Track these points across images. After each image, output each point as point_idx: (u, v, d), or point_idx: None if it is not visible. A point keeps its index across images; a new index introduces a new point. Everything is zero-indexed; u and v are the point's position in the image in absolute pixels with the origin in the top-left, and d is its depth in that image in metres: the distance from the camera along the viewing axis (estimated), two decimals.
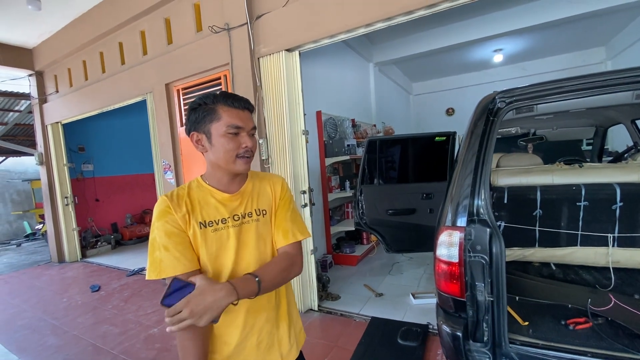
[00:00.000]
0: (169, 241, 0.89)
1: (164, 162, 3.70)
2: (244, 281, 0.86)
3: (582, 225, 1.84)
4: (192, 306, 0.76)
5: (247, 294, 0.85)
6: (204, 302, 0.77)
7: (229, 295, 0.80)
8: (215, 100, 0.93)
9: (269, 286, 0.92)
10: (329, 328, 2.70)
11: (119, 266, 4.94)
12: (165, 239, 0.89)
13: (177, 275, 0.86)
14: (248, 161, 0.96)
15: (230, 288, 0.81)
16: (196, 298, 0.78)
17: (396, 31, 5.01)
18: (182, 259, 0.89)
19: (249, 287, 0.85)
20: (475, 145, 1.40)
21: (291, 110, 2.81)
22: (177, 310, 0.76)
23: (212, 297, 0.78)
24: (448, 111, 8.23)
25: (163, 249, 0.88)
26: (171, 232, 0.90)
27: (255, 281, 0.87)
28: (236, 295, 0.81)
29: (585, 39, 5.96)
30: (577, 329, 1.41)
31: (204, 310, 0.76)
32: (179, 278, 0.83)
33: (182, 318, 0.75)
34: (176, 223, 0.91)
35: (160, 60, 3.59)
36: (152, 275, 0.88)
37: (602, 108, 2.25)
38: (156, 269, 0.87)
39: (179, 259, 0.88)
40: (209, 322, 0.79)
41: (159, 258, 0.88)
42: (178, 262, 0.88)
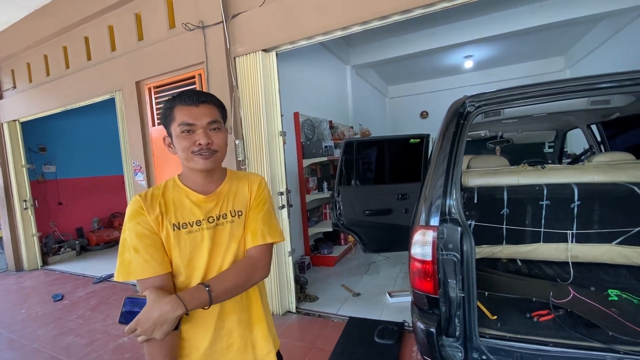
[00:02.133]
0: (140, 243, 0.87)
1: (134, 163, 3.55)
2: (193, 292, 0.85)
3: (545, 223, 1.97)
4: (142, 324, 0.78)
5: (197, 304, 0.84)
6: (152, 318, 0.79)
7: (175, 309, 0.80)
8: (173, 101, 0.92)
9: (224, 294, 0.90)
10: (307, 330, 2.70)
11: (84, 273, 4.67)
12: (136, 240, 0.88)
13: (146, 277, 0.86)
14: (206, 157, 0.91)
15: (176, 301, 0.81)
16: (144, 315, 0.79)
17: (373, 35, 5.12)
18: (152, 262, 0.87)
19: (199, 298, 0.84)
20: (447, 147, 1.46)
21: (268, 111, 2.79)
22: (132, 329, 0.78)
23: (158, 312, 0.79)
24: (422, 114, 8.48)
25: (133, 251, 0.87)
26: (142, 233, 0.88)
27: (205, 291, 0.85)
28: (183, 308, 0.81)
29: (546, 49, 6.36)
30: (540, 321, 1.50)
31: (153, 326, 0.79)
32: (131, 296, 0.84)
33: (137, 335, 0.79)
34: (148, 225, 0.89)
35: (130, 57, 3.44)
36: (120, 276, 0.87)
37: (561, 113, 2.41)
38: (125, 270, 0.87)
39: (148, 262, 0.87)
40: (164, 334, 0.80)
41: (128, 259, 0.87)
42: (147, 264, 0.87)
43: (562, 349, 1.30)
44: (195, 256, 0.92)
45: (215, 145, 0.93)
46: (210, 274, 0.93)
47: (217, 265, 0.95)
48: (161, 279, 0.88)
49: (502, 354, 1.36)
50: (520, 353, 1.34)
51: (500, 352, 1.36)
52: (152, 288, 0.84)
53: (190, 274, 0.92)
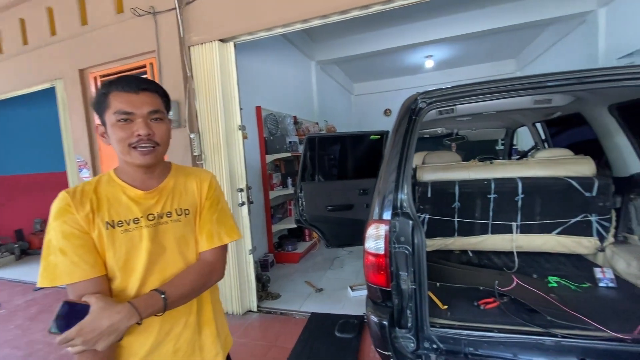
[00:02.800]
0: (67, 244, 0.79)
1: (78, 158, 3.27)
2: (147, 299, 0.80)
3: (492, 216, 2.07)
4: (85, 334, 0.70)
5: (151, 312, 0.79)
6: (99, 327, 0.72)
7: (128, 318, 0.75)
8: (109, 86, 0.83)
9: (179, 300, 0.86)
10: (268, 328, 2.65)
11: (24, 279, 4.25)
12: (63, 241, 0.79)
13: (75, 281, 0.78)
14: (147, 152, 0.85)
15: (130, 309, 0.75)
16: (90, 324, 0.72)
17: (336, 31, 5.12)
18: (82, 264, 0.79)
19: (154, 305, 0.80)
20: (399, 143, 1.47)
21: (226, 104, 2.68)
22: (69, 338, 0.70)
23: (109, 322, 0.73)
24: (386, 112, 8.67)
25: (59, 253, 0.78)
26: (70, 233, 0.80)
27: (161, 298, 0.81)
28: (137, 317, 0.76)
29: (500, 51, 6.75)
30: (486, 309, 1.57)
31: (99, 337, 0.72)
32: (70, 300, 0.75)
33: (74, 345, 0.70)
34: (76, 223, 0.81)
35: (73, 43, 3.15)
36: (44, 282, 0.78)
37: (509, 111, 2.55)
38: (50, 274, 0.78)
39: (77, 264, 0.78)
40: (108, 346, 0.73)
41: (53, 263, 0.78)
42: (76, 267, 0.78)
43: (505, 335, 1.37)
44: (133, 257, 0.85)
45: (157, 137, 0.86)
46: (150, 277, 0.86)
47: (158, 267, 0.87)
48: (94, 283, 0.80)
49: (451, 342, 1.40)
50: (467, 340, 1.39)
51: (450, 341, 1.40)
52: (99, 295, 0.77)
53: (126, 277, 0.85)
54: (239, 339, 2.50)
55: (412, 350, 1.42)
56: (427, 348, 1.41)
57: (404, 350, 1.42)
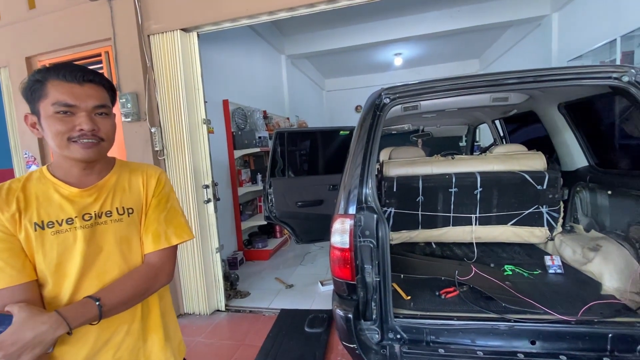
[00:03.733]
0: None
1: (25, 154, 3.00)
2: (79, 307, 0.74)
3: (454, 208, 2.16)
4: (6, 347, 0.64)
5: (83, 321, 0.73)
6: (22, 340, 0.66)
7: (55, 329, 0.69)
8: (46, 73, 0.76)
9: (118, 307, 0.80)
10: (237, 327, 2.60)
11: None
12: None
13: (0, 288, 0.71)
14: (90, 146, 0.79)
15: (58, 319, 0.69)
16: (11, 336, 0.65)
17: (306, 25, 5.08)
18: (7, 269, 0.73)
19: (86, 314, 0.74)
20: (363, 138, 1.48)
21: (189, 97, 2.57)
22: None
23: (32, 333, 0.66)
24: (357, 108, 8.76)
25: None
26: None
27: (95, 305, 0.75)
28: (66, 327, 0.70)
29: (465, 51, 7.03)
30: (447, 298, 1.63)
31: (22, 349, 0.65)
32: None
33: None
34: (1, 225, 0.74)
35: (19, 28, 2.88)
36: None
37: (470, 109, 2.66)
38: None
39: (2, 269, 0.72)
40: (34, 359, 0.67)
41: None
42: (2, 272, 0.72)
43: (464, 322, 1.43)
44: (65, 261, 0.78)
45: (102, 132, 0.80)
46: (87, 282, 0.80)
47: (95, 271, 0.81)
48: (22, 289, 0.73)
49: (413, 332, 1.45)
50: (429, 329, 1.44)
51: (412, 330, 1.45)
52: (23, 304, 0.70)
53: (59, 283, 0.78)
54: (206, 339, 2.43)
55: (377, 341, 1.45)
56: (391, 338, 1.45)
57: (369, 342, 1.45)
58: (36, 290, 0.76)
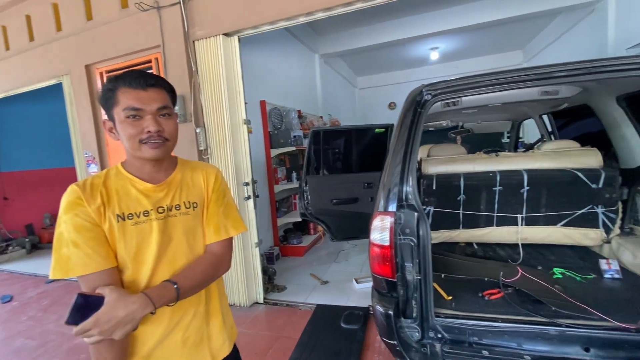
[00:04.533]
0: (79, 236, 0.80)
1: (86, 154, 3.31)
2: (160, 289, 0.83)
3: (497, 208, 2.07)
4: (102, 324, 0.72)
5: (164, 302, 0.82)
6: (115, 317, 0.74)
7: (143, 308, 0.77)
8: (116, 82, 0.85)
9: (191, 290, 0.89)
10: (275, 319, 2.69)
11: (36, 272, 4.35)
12: (75, 234, 0.80)
13: (89, 272, 0.79)
14: (157, 146, 0.86)
15: (145, 299, 0.78)
16: (106, 314, 0.74)
17: (340, 24, 5.08)
18: (95, 256, 0.80)
19: (167, 295, 0.83)
20: (404, 136, 1.48)
21: (231, 99, 2.70)
22: (86, 329, 0.72)
23: (125, 312, 0.75)
24: (390, 105, 8.62)
25: (72, 245, 0.79)
26: (82, 226, 0.81)
27: (173, 288, 0.83)
28: (152, 307, 0.79)
29: (507, 42, 6.65)
30: (491, 299, 1.58)
31: (116, 326, 0.74)
32: (84, 292, 0.77)
33: (91, 335, 0.72)
34: (88, 216, 0.82)
35: (79, 39, 3.18)
36: (57, 274, 0.79)
37: (515, 103, 2.53)
38: (62, 266, 0.79)
39: (90, 256, 0.80)
40: (125, 335, 0.76)
41: (66, 255, 0.79)
42: (90, 259, 0.80)
43: (509, 324, 1.38)
44: (143, 249, 0.87)
45: (166, 132, 0.88)
46: (160, 268, 0.88)
47: (167, 258, 0.90)
48: (107, 274, 0.82)
49: (455, 332, 1.42)
50: (472, 330, 1.41)
51: (454, 330, 1.42)
52: (112, 286, 0.79)
53: (137, 269, 0.87)
54: (246, 330, 2.55)
55: (417, 339, 1.44)
56: (432, 337, 1.43)
57: (409, 340, 1.45)
58: (117, 276, 0.85)
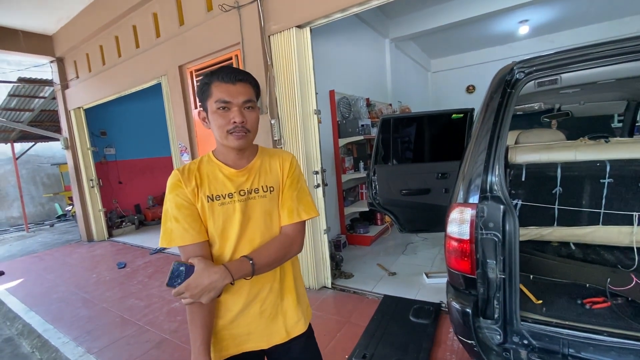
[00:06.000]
0: (179, 213, 0.94)
1: (180, 144, 3.78)
2: (238, 263, 0.92)
3: (605, 203, 1.75)
4: (191, 289, 0.86)
5: (241, 275, 0.91)
6: (201, 284, 0.86)
7: (223, 278, 0.88)
8: (211, 77, 0.95)
9: (265, 267, 0.96)
10: (342, 305, 2.75)
11: (142, 245, 5.19)
12: (176, 210, 0.94)
13: (186, 244, 0.93)
14: (241, 137, 0.95)
15: (225, 271, 0.88)
16: (194, 281, 0.86)
17: (413, 3, 4.79)
18: (191, 230, 0.93)
19: (244, 269, 0.92)
20: (490, 120, 1.34)
21: (302, 90, 2.78)
22: (180, 292, 0.86)
23: (208, 280, 0.86)
24: (468, 89, 7.90)
25: (174, 220, 0.94)
26: (181, 204, 0.95)
27: (249, 263, 0.92)
28: (231, 278, 0.89)
29: (620, 6, 5.48)
30: (593, 308, 1.37)
31: (202, 292, 0.86)
32: (180, 261, 0.91)
33: (185, 297, 0.86)
34: (185, 196, 0.95)
35: (173, 42, 3.59)
36: (164, 243, 0.95)
37: (634, 78, 2.08)
38: (167, 237, 0.94)
39: (187, 230, 0.93)
40: (210, 300, 0.88)
41: (169, 228, 0.94)
42: (187, 233, 0.93)
43: (619, 340, 1.19)
44: (228, 227, 0.98)
45: (248, 124, 0.96)
46: (241, 245, 0.98)
47: (247, 236, 0.99)
48: (200, 247, 0.94)
49: (546, 340, 1.27)
50: (568, 340, 1.25)
51: (545, 338, 1.28)
52: (200, 257, 0.92)
53: (223, 244, 0.98)
54: (315, 311, 2.66)
55: (499, 342, 1.33)
56: (517, 343, 1.31)
57: (489, 342, 1.34)
58: (208, 249, 0.97)
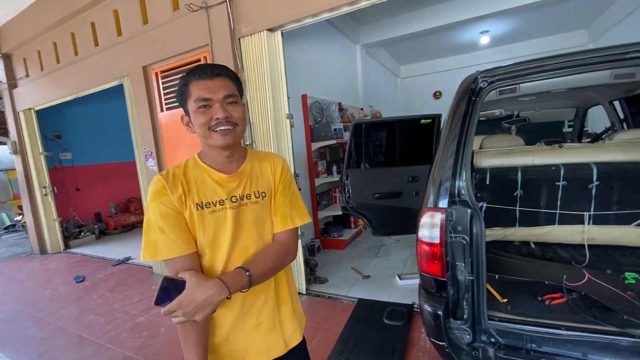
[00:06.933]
0: (164, 223, 0.86)
1: (144, 149, 3.59)
2: (234, 276, 0.86)
3: (560, 204, 1.89)
4: (184, 306, 0.78)
5: (238, 288, 0.86)
6: (195, 300, 0.79)
7: (220, 293, 0.81)
8: (187, 77, 0.89)
9: (261, 278, 0.92)
10: (317, 310, 2.74)
11: (104, 256, 4.86)
12: (161, 220, 0.86)
13: (173, 257, 0.85)
14: (226, 132, 0.88)
15: (221, 285, 0.82)
16: (187, 298, 0.79)
17: (383, 11, 4.92)
18: (178, 241, 0.86)
19: (240, 282, 0.86)
20: (457, 127, 1.39)
21: (274, 93, 2.74)
22: (171, 310, 0.78)
23: (203, 296, 0.79)
24: (436, 94, 8.23)
25: (159, 231, 0.85)
26: (166, 213, 0.87)
27: (246, 275, 0.87)
28: (227, 292, 0.82)
29: (569, 21, 5.99)
30: (552, 304, 1.46)
31: (197, 309, 0.79)
32: (169, 276, 0.83)
33: (176, 316, 0.79)
34: (171, 204, 0.87)
35: (136, 42, 3.42)
36: (147, 256, 0.86)
37: (582, 89, 2.27)
38: (151, 250, 0.85)
39: (174, 241, 0.85)
40: (205, 317, 0.81)
41: (154, 240, 0.86)
42: (174, 244, 0.85)
43: (575, 333, 1.27)
44: (219, 236, 0.91)
45: (235, 118, 0.90)
46: (234, 254, 0.93)
47: (240, 245, 0.94)
48: (189, 259, 0.87)
49: (511, 337, 1.33)
50: (530, 336, 1.31)
51: (510, 335, 1.34)
52: (192, 271, 0.84)
53: (214, 255, 0.91)
54: None
55: (468, 342, 1.37)
56: (485, 341, 1.36)
57: (459, 342, 1.38)
58: (198, 261, 0.90)
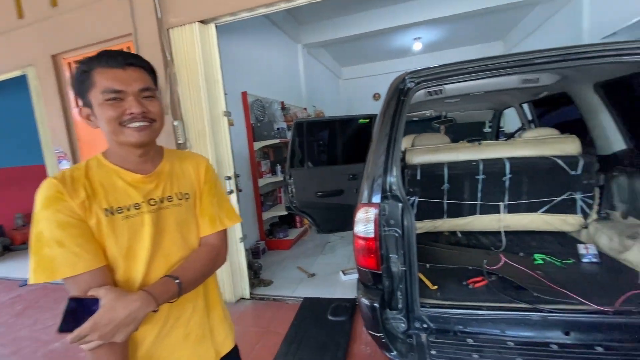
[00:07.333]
0: (64, 234, 0.71)
1: (57, 149, 3.14)
2: (162, 285, 0.78)
3: (481, 196, 2.09)
4: (101, 328, 0.66)
5: (167, 298, 0.77)
6: (115, 319, 0.68)
7: (146, 306, 0.72)
8: (90, 63, 0.76)
9: (191, 285, 0.84)
10: (261, 314, 2.66)
11: (8, 276, 4.14)
12: (59, 231, 0.71)
13: (78, 273, 0.71)
14: (141, 129, 0.79)
15: (147, 297, 0.73)
16: (105, 317, 0.67)
17: (322, 12, 4.98)
18: (84, 254, 0.72)
19: (169, 291, 0.78)
20: (387, 125, 1.45)
21: (210, 89, 2.59)
22: (82, 336, 0.65)
23: (126, 311, 0.69)
24: (375, 96, 8.60)
25: (56, 245, 0.71)
26: (66, 222, 0.72)
27: (175, 283, 0.79)
28: (155, 304, 0.73)
29: (488, 33, 6.72)
30: (475, 287, 1.59)
31: (117, 328, 0.68)
32: (76, 296, 0.69)
33: (90, 341, 0.66)
34: (72, 211, 0.73)
35: (43, 26, 2.98)
36: (40, 277, 0.69)
37: (497, 92, 2.54)
38: (47, 268, 0.70)
39: (79, 255, 0.71)
40: (128, 336, 0.70)
41: (49, 256, 0.70)
42: (78, 258, 0.71)
43: (493, 312, 1.40)
44: (135, 244, 0.80)
45: (152, 113, 0.80)
46: (155, 263, 0.82)
47: (162, 252, 0.83)
48: (99, 274, 0.74)
49: (440, 321, 1.43)
50: (457, 319, 1.42)
51: (439, 320, 1.43)
52: (108, 286, 0.72)
53: (130, 266, 0.79)
54: None
55: (403, 330, 1.44)
56: (418, 328, 1.43)
57: (395, 331, 1.44)
58: (109, 275, 0.77)
